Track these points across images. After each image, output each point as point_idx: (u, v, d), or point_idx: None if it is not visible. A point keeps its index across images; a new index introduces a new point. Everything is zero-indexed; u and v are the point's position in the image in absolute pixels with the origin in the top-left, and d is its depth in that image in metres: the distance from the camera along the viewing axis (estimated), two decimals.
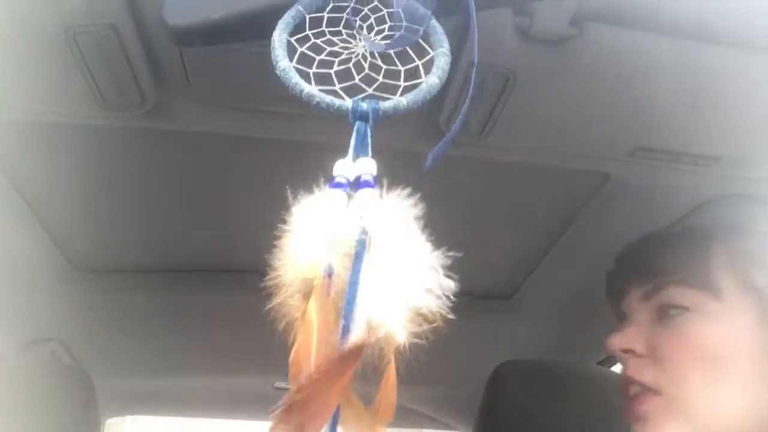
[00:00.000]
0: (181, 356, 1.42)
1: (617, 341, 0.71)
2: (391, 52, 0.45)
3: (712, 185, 0.87)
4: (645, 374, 0.68)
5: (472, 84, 0.48)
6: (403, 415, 1.59)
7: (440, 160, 0.43)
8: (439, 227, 0.38)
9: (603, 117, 0.75)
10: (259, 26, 0.51)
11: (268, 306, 0.40)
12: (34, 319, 1.20)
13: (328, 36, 0.46)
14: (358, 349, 0.33)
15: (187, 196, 0.97)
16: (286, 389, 0.34)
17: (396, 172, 0.40)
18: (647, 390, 0.67)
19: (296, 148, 0.83)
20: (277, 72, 0.43)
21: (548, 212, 0.99)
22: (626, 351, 0.70)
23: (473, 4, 0.48)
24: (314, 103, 0.41)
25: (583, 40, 0.64)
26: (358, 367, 0.34)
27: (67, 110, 0.74)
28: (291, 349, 0.36)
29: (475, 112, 0.73)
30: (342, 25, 0.47)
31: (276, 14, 0.49)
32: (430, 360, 0.37)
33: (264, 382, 1.61)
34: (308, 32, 0.46)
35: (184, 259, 1.15)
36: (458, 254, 0.38)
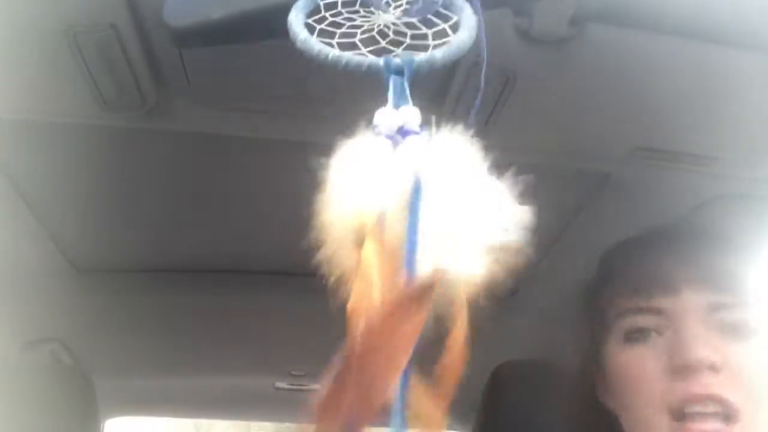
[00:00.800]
0: (181, 356, 1.42)
1: (705, 352, 0.64)
2: (415, 20, 0.42)
3: (712, 185, 0.87)
4: (734, 392, 0.63)
5: (483, 77, 0.47)
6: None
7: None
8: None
9: (603, 117, 0.75)
10: (259, 26, 0.51)
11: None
12: (34, 320, 1.20)
13: (346, 14, 0.44)
14: (430, 286, 0.29)
15: (187, 196, 0.97)
16: (287, 389, 0.33)
17: None
18: (724, 410, 0.63)
19: (296, 148, 0.83)
20: (298, 44, 0.40)
21: (548, 212, 0.99)
22: (710, 366, 0.64)
23: (478, 3, 0.47)
24: (343, 63, 0.38)
25: (583, 40, 0.64)
26: (430, 310, 0.30)
27: (67, 110, 0.74)
28: (348, 302, 0.31)
29: (477, 114, 0.73)
30: (359, 4, 0.44)
31: (276, 14, 0.49)
32: (430, 359, 0.36)
33: (264, 382, 1.61)
34: (325, 13, 0.43)
35: (184, 259, 1.15)
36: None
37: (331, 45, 0.40)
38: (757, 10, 0.63)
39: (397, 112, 0.35)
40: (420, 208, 0.32)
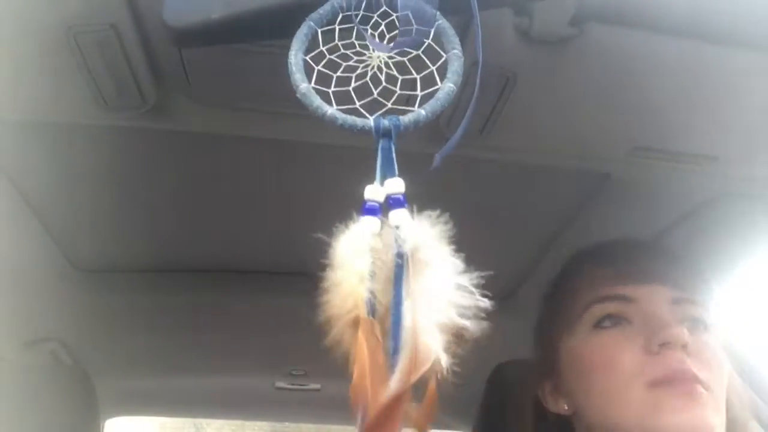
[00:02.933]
0: (181, 356, 1.42)
1: (683, 333, 0.71)
2: (405, 60, 0.46)
3: (711, 185, 0.87)
4: (701, 371, 0.70)
5: (477, 85, 0.48)
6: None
7: (441, 161, 0.43)
8: None
9: (603, 117, 0.75)
10: (259, 26, 0.51)
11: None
12: (34, 319, 1.20)
13: (342, 50, 0.47)
14: (407, 388, 0.36)
15: (187, 196, 0.97)
16: (287, 389, 0.36)
17: (404, 176, 0.41)
18: (699, 380, 0.70)
19: (296, 148, 0.83)
20: (298, 95, 0.44)
21: (548, 212, 0.99)
22: (684, 345, 0.71)
23: (476, 4, 0.48)
24: (338, 124, 0.43)
25: (583, 40, 0.64)
26: (408, 395, 0.37)
27: (67, 110, 0.74)
28: (351, 378, 0.39)
29: (475, 112, 0.73)
30: (354, 36, 0.47)
31: (275, 15, 0.49)
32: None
33: (264, 382, 1.61)
34: (322, 48, 0.46)
35: (184, 259, 1.15)
36: (457, 253, 0.39)
37: (327, 93, 0.44)
38: (757, 10, 0.63)
39: (383, 187, 0.41)
40: (402, 290, 0.38)
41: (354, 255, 0.39)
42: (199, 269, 1.17)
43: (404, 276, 0.38)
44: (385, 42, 0.47)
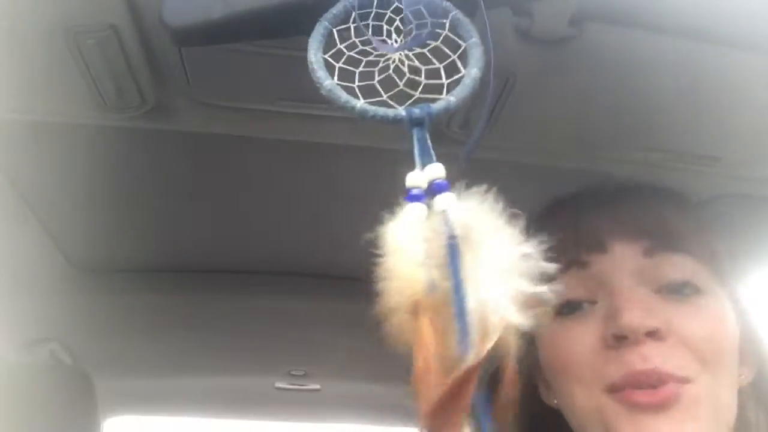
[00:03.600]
0: (181, 356, 1.42)
1: (641, 319, 0.55)
2: (426, 51, 0.45)
3: (712, 185, 0.87)
4: (681, 362, 0.55)
5: (491, 84, 0.49)
6: (402, 414, 1.59)
7: (439, 160, 0.43)
8: None
9: (603, 117, 0.75)
10: (259, 26, 0.51)
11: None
12: (34, 319, 1.20)
13: (360, 47, 0.47)
14: (478, 363, 0.35)
15: (187, 196, 0.97)
16: (287, 389, 0.35)
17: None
18: (675, 379, 0.55)
19: (296, 148, 0.83)
20: (323, 92, 0.43)
21: None
22: (651, 333, 0.55)
23: (483, 4, 0.48)
24: (369, 116, 0.42)
25: (583, 40, 0.64)
26: (480, 374, 0.35)
27: (67, 110, 0.74)
28: (413, 368, 0.37)
29: (475, 113, 0.73)
30: (371, 32, 0.47)
31: (275, 14, 0.49)
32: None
33: (264, 382, 1.61)
34: (340, 46, 0.46)
35: (184, 259, 1.15)
36: None
37: (353, 89, 0.43)
38: (757, 10, 0.63)
39: (425, 173, 0.40)
40: (460, 270, 0.37)
41: (406, 241, 0.38)
42: (199, 269, 1.17)
43: (458, 257, 0.37)
44: (401, 37, 0.47)
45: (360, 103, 0.42)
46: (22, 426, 1.01)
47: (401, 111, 0.42)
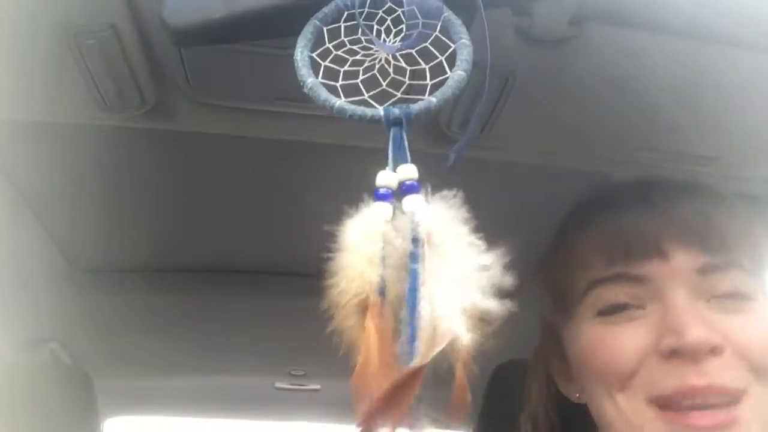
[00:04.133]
0: (182, 356, 1.42)
1: (706, 337, 0.52)
2: (413, 51, 0.45)
3: (712, 185, 0.87)
4: (731, 377, 0.53)
5: (487, 84, 0.48)
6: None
7: (439, 160, 0.43)
8: None
9: (603, 117, 0.75)
10: (259, 26, 0.51)
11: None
12: (34, 319, 1.20)
13: (349, 46, 0.47)
14: (422, 368, 0.34)
15: (187, 196, 0.97)
16: (287, 389, 0.35)
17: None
18: (729, 392, 0.53)
19: (296, 148, 0.83)
20: (305, 90, 0.44)
21: (548, 212, 0.99)
22: (712, 349, 0.53)
23: (483, 4, 0.48)
24: (347, 116, 0.42)
25: (583, 40, 0.64)
26: (421, 380, 0.35)
27: (67, 110, 0.74)
28: (354, 367, 0.37)
29: (475, 112, 0.73)
30: (360, 32, 0.47)
31: (275, 14, 0.49)
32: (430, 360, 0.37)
33: (264, 382, 1.61)
34: (328, 45, 0.46)
35: (184, 259, 1.15)
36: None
37: (335, 87, 0.43)
38: (757, 10, 0.63)
39: (396, 174, 0.40)
40: (419, 273, 0.37)
41: (364, 239, 0.38)
42: (199, 269, 1.17)
43: (420, 261, 0.37)
44: (391, 36, 0.46)
45: (339, 102, 0.42)
46: (21, 426, 1.01)
47: (379, 110, 0.42)
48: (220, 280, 1.18)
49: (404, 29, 0.46)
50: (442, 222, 0.38)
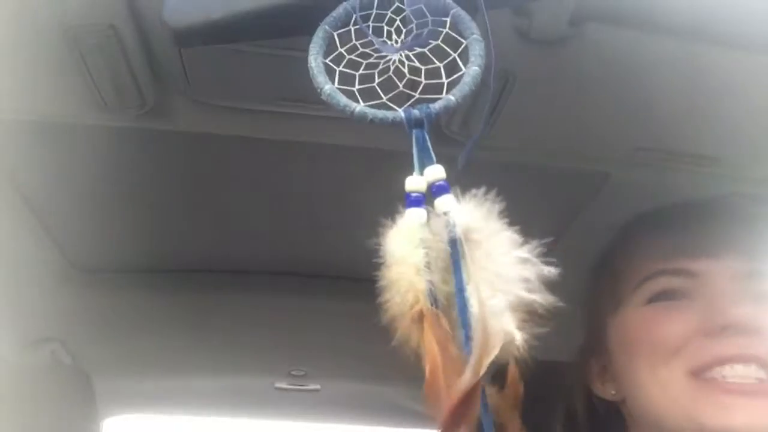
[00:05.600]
0: (181, 356, 1.42)
1: (751, 316, 0.61)
2: (426, 51, 0.45)
3: (712, 185, 0.87)
4: (764, 353, 0.62)
5: (491, 85, 0.48)
6: (403, 414, 1.59)
7: (440, 160, 0.43)
8: None
9: (603, 117, 0.75)
10: (260, 26, 0.51)
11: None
12: (34, 319, 1.20)
13: (361, 49, 0.47)
14: (479, 375, 0.35)
15: (187, 196, 0.97)
16: (287, 389, 0.35)
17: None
18: (762, 362, 0.61)
19: (296, 148, 0.83)
20: (323, 97, 0.43)
21: (548, 212, 0.99)
22: (756, 329, 0.62)
23: (484, 5, 0.48)
24: (368, 120, 0.42)
25: (583, 40, 0.64)
26: (483, 385, 0.36)
27: (66, 110, 0.74)
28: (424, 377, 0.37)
29: (475, 113, 0.73)
30: (371, 34, 0.47)
31: (275, 14, 0.49)
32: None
33: (264, 382, 1.61)
34: (341, 50, 0.46)
35: (184, 259, 1.15)
36: None
37: (352, 92, 0.43)
38: (757, 11, 0.63)
39: (424, 175, 0.40)
40: (463, 274, 0.37)
41: (406, 248, 0.38)
42: (199, 269, 1.17)
43: (462, 261, 0.37)
44: (402, 36, 0.46)
45: (359, 107, 0.42)
46: (22, 426, 1.01)
47: (400, 113, 0.42)
48: (220, 280, 1.18)
49: (414, 28, 0.46)
50: (477, 219, 0.38)
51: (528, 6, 0.61)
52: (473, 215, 0.39)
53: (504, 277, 0.37)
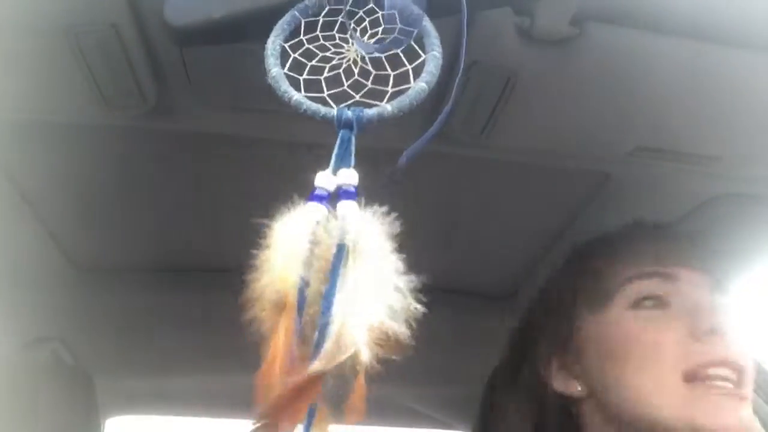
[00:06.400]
0: (182, 356, 1.42)
1: (723, 318, 0.67)
2: (383, 56, 0.45)
3: (712, 185, 0.87)
4: (740, 356, 0.67)
5: (455, 85, 0.48)
6: (403, 414, 1.59)
7: (441, 159, 0.43)
8: (440, 227, 0.38)
9: (603, 117, 0.75)
10: (260, 26, 0.51)
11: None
12: (35, 319, 1.20)
13: (322, 41, 0.47)
14: (322, 373, 0.35)
15: (187, 196, 0.97)
16: None
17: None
18: (736, 374, 0.66)
19: (296, 148, 0.83)
20: (269, 80, 0.44)
21: (548, 212, 0.99)
22: (727, 331, 0.68)
23: (465, 4, 0.48)
24: (302, 110, 0.43)
25: (584, 40, 0.64)
26: (324, 384, 0.35)
27: (68, 110, 0.74)
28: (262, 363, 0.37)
29: (475, 112, 0.73)
30: (336, 29, 0.47)
31: (276, 14, 0.49)
32: (431, 359, 0.37)
33: None
34: (302, 38, 0.46)
35: (184, 259, 1.15)
36: (458, 253, 0.38)
37: (298, 81, 0.44)
38: (758, 10, 0.63)
39: (336, 177, 0.40)
40: (338, 278, 0.37)
41: (292, 238, 0.39)
42: (199, 269, 1.17)
43: (341, 268, 0.37)
44: (366, 38, 0.46)
45: (297, 96, 0.43)
46: (22, 425, 1.01)
47: (333, 110, 0.42)
48: (221, 279, 1.18)
49: (379, 32, 0.46)
50: (370, 234, 0.38)
51: (530, 5, 0.61)
52: (369, 229, 0.38)
53: (375, 296, 0.37)
